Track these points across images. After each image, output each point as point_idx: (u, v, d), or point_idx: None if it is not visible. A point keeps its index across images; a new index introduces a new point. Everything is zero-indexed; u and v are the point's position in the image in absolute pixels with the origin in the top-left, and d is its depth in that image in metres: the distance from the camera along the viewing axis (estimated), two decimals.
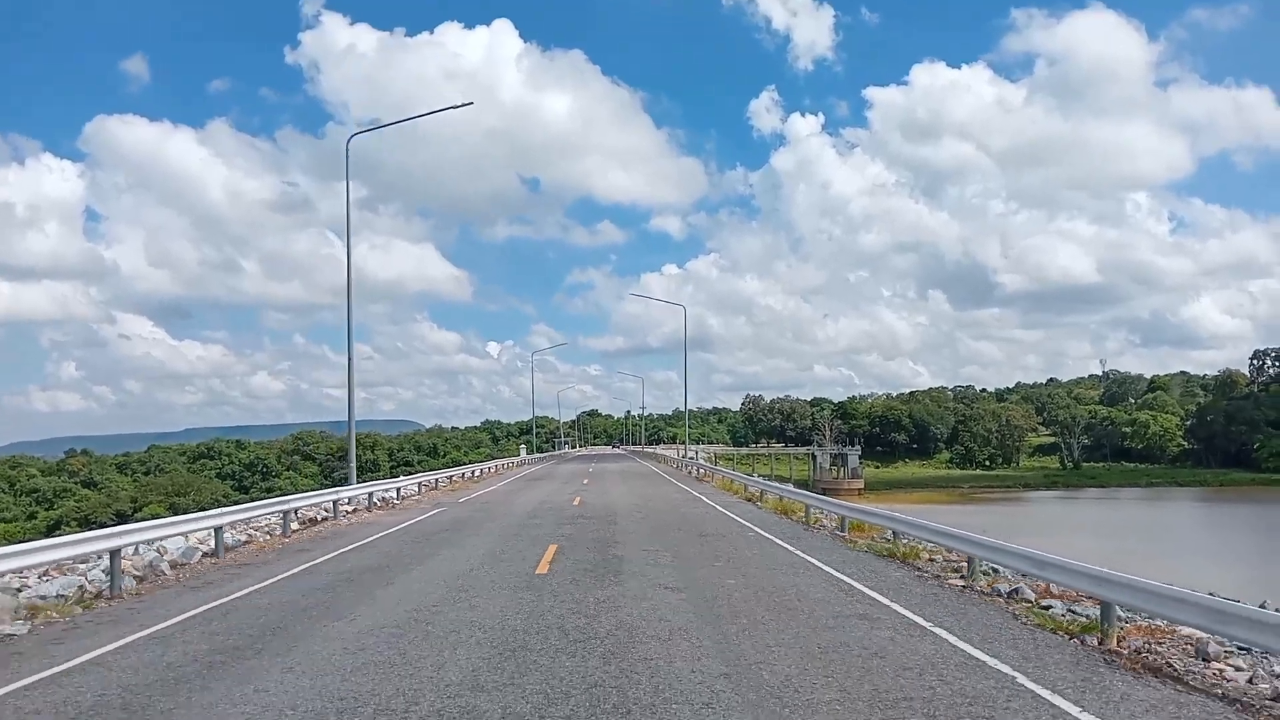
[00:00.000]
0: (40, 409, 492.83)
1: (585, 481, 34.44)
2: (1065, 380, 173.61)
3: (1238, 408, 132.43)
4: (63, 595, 9.61)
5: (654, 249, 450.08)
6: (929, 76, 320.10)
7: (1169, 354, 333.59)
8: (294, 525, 16.38)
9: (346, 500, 19.89)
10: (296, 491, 44.41)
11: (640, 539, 14.94)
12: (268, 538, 15.35)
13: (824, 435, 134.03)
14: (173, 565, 11.96)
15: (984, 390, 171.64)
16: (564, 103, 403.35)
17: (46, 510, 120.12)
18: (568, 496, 25.54)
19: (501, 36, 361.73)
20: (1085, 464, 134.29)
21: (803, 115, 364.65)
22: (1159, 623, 7.95)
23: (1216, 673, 6.68)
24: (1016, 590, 9.67)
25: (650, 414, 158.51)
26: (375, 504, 21.52)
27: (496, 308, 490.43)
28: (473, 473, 40.09)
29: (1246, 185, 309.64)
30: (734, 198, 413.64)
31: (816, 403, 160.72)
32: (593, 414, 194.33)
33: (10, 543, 10.07)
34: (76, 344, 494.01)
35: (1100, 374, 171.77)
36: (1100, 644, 7.39)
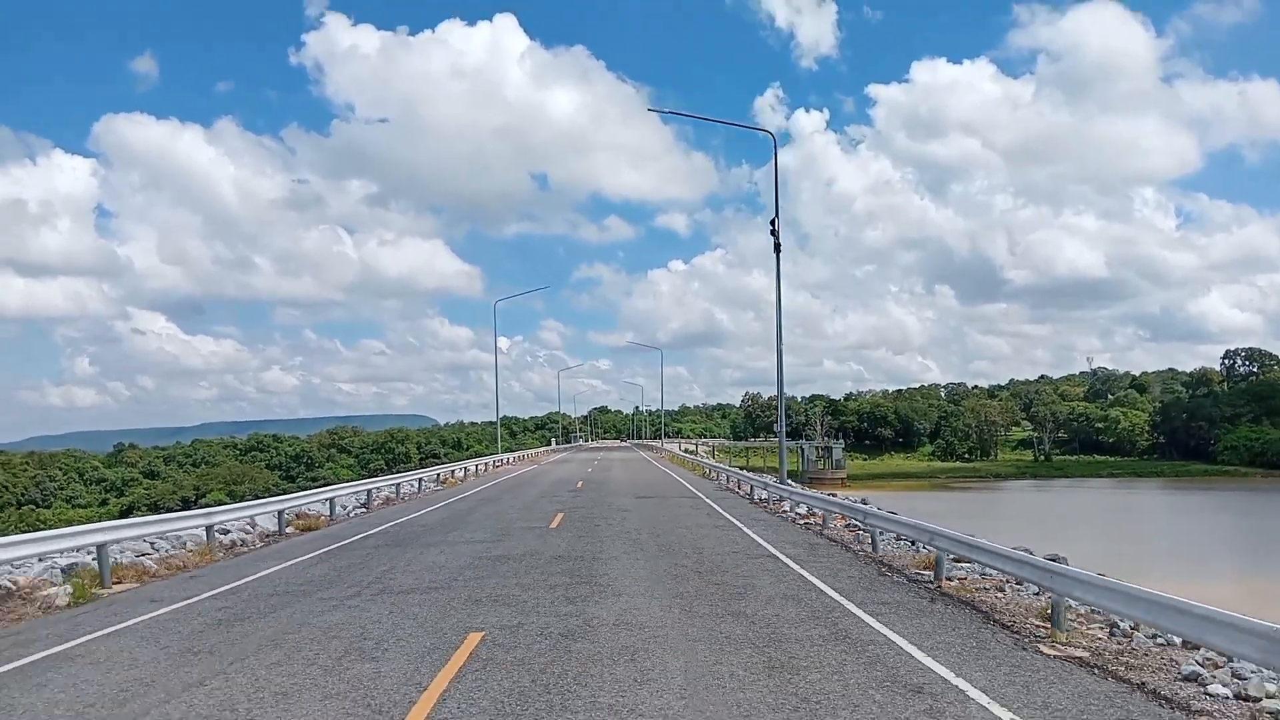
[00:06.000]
0: (55, 404, 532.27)
1: (599, 457, 67.33)
2: (1056, 377, 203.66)
3: (1199, 404, 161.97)
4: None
5: (661, 245, 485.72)
6: (930, 73, 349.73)
7: (1178, 348, 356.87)
8: (484, 469, 48.29)
9: (505, 459, 52.22)
10: (338, 480, 78.25)
11: (620, 471, 46.82)
12: (482, 470, 47.28)
13: (815, 430, 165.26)
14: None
15: (976, 386, 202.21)
16: (570, 99, 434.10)
17: (117, 498, 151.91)
18: (592, 462, 57.67)
19: (504, 33, 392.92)
20: (1056, 457, 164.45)
21: (807, 112, 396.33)
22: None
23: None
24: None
25: (657, 410, 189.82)
26: (508, 462, 53.56)
27: (506, 303, 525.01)
28: (530, 454, 72.45)
29: (1253, 180, 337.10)
30: (739, 194, 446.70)
31: (811, 400, 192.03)
32: (603, 410, 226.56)
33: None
34: (90, 340, 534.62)
35: (1089, 371, 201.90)
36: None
